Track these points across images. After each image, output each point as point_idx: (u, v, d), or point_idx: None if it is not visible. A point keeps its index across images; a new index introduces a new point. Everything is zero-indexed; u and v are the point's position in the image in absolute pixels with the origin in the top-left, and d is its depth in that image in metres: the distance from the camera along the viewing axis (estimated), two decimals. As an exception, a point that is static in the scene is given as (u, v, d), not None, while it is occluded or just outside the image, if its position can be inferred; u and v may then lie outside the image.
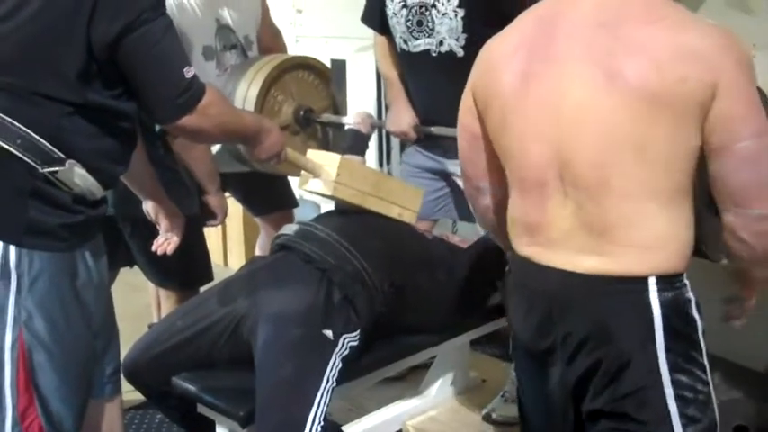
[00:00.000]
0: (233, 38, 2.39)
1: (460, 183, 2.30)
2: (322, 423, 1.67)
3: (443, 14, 2.12)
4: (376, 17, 2.33)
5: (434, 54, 2.17)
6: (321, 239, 1.93)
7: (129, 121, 1.55)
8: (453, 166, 2.25)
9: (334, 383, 1.75)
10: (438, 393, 2.29)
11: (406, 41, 2.22)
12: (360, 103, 2.45)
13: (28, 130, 1.44)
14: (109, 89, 1.48)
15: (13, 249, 1.45)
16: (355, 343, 1.83)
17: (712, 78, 1.25)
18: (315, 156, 2.07)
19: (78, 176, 1.47)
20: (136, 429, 2.55)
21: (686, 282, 1.36)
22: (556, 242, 1.38)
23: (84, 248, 1.54)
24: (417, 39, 2.18)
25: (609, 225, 1.32)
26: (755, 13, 2.22)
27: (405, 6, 2.19)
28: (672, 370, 1.32)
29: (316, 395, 1.70)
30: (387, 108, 3.13)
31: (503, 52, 1.46)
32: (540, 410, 1.55)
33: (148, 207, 1.97)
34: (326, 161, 2.03)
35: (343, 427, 1.96)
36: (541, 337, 1.43)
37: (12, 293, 1.45)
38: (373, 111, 3.15)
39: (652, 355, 1.32)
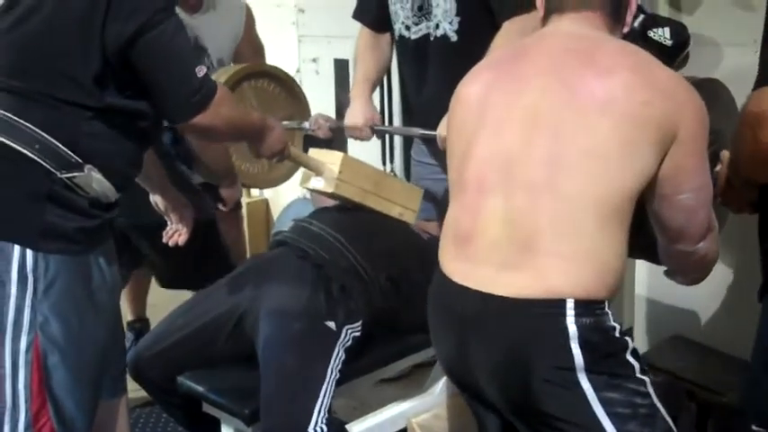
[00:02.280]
0: (206, 60, 2.38)
1: None
2: (327, 415, 1.68)
3: None
4: (371, 11, 2.33)
5: (432, 39, 2.18)
6: (316, 235, 1.95)
7: (147, 120, 1.55)
8: None
9: (338, 375, 1.76)
10: (442, 391, 2.29)
11: (408, 27, 2.22)
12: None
13: (46, 135, 1.44)
14: (124, 91, 1.49)
15: (29, 253, 1.45)
16: (358, 333, 1.84)
17: (675, 115, 1.30)
18: (317, 153, 2.08)
19: (95, 181, 1.48)
20: (141, 428, 2.56)
21: (608, 311, 1.32)
22: (480, 255, 1.36)
23: (98, 252, 1.55)
24: (418, 24, 2.19)
25: (539, 229, 1.31)
26: (756, 10, 2.22)
27: None
28: (597, 389, 1.29)
29: (321, 387, 1.71)
30: (390, 108, 3.16)
31: (474, 72, 1.52)
32: (479, 419, 1.56)
33: (156, 200, 1.96)
34: (329, 158, 2.04)
35: (348, 425, 1.96)
36: (459, 361, 1.42)
37: (28, 297, 1.46)
38: (378, 110, 3.15)
39: (571, 378, 1.29)
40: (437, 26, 2.16)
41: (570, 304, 1.28)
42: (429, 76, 2.22)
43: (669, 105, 1.30)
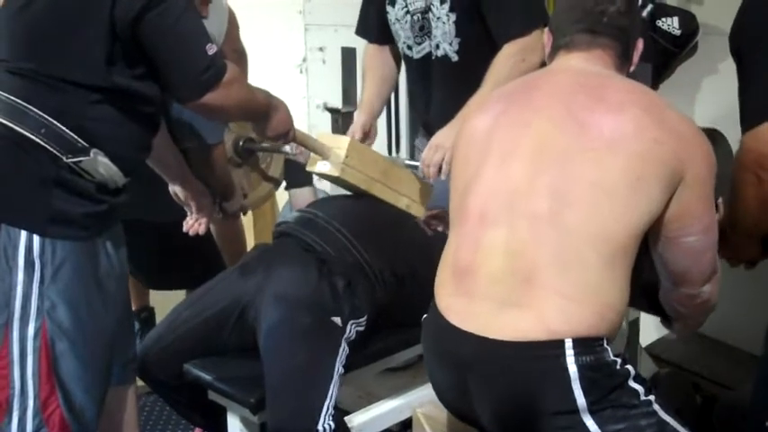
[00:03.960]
0: None
1: None
2: (333, 412, 1.69)
3: (438, 18, 2.12)
4: (372, 27, 2.32)
5: (434, 58, 2.18)
6: (321, 228, 1.93)
7: (153, 106, 1.56)
8: None
9: (343, 370, 1.77)
10: (447, 381, 2.29)
11: (410, 47, 2.22)
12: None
13: (52, 120, 1.44)
14: (133, 69, 1.48)
15: (36, 239, 1.46)
16: (362, 328, 1.84)
17: (684, 155, 1.30)
18: (325, 138, 2.05)
19: (102, 165, 1.48)
20: (148, 415, 2.57)
21: (608, 347, 1.30)
22: (480, 290, 1.34)
23: (105, 237, 1.55)
24: (420, 44, 2.19)
25: (541, 261, 1.29)
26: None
27: (408, 12, 2.18)
28: (602, 426, 1.28)
29: (329, 383, 1.71)
30: (396, 114, 3.17)
31: (482, 104, 1.51)
32: None
33: (176, 190, 1.95)
34: (336, 143, 2.01)
35: (353, 415, 1.97)
36: (458, 399, 1.41)
37: (35, 283, 1.47)
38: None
39: (576, 420, 1.28)
40: (437, 46, 2.16)
41: (569, 344, 1.27)
42: (434, 92, 2.23)
43: (679, 145, 1.30)
